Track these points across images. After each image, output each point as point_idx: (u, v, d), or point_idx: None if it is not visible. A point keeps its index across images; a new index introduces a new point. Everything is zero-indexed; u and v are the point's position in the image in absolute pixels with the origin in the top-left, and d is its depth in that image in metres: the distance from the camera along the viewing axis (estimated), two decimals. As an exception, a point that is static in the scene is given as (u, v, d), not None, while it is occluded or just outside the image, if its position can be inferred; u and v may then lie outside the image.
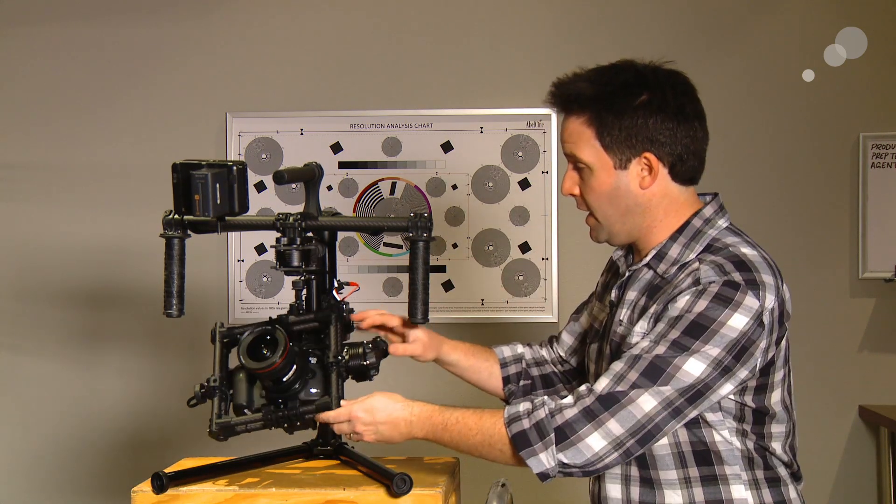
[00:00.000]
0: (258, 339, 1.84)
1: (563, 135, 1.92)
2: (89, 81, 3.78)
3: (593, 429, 1.76)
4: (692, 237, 1.89)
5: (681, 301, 1.78)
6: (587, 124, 1.87)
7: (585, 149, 1.88)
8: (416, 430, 1.93)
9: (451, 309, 3.73)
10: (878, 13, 3.67)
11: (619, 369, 1.78)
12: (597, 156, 1.88)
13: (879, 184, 3.67)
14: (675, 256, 1.88)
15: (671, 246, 1.90)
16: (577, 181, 1.92)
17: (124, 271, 3.77)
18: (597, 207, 1.92)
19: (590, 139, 1.87)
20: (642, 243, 1.94)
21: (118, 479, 3.67)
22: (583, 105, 1.88)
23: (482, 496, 2.13)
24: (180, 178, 1.79)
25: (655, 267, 1.90)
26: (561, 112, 1.92)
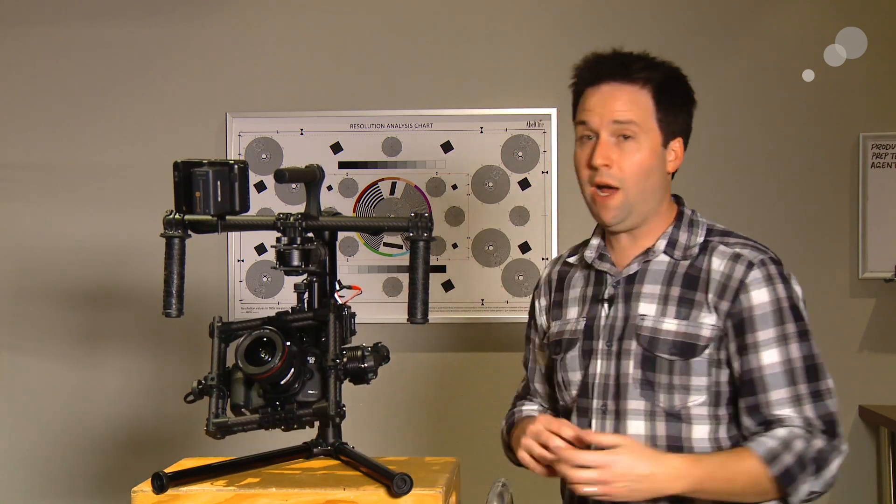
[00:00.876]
0: (255, 342, 1.84)
1: (614, 102, 1.92)
2: (89, 81, 3.79)
3: (837, 455, 1.85)
4: (690, 224, 1.99)
5: (763, 293, 1.88)
6: (650, 95, 1.93)
7: (644, 118, 1.92)
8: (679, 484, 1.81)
9: (451, 309, 3.73)
10: (878, 13, 3.67)
11: (789, 393, 1.87)
12: (651, 127, 1.93)
13: (879, 184, 3.67)
14: (685, 242, 1.96)
15: (678, 233, 1.98)
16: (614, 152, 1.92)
17: (124, 271, 3.77)
18: (634, 182, 1.92)
19: (649, 110, 1.93)
20: (643, 229, 1.98)
21: (118, 479, 3.67)
22: (649, 76, 1.93)
23: (482, 496, 2.13)
24: (181, 177, 1.78)
25: (671, 254, 1.95)
26: (616, 78, 1.93)
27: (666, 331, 1.92)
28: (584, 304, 2.03)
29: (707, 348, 1.90)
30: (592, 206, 1.98)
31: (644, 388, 1.92)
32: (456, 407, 3.76)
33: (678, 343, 1.91)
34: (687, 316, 1.91)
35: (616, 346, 1.95)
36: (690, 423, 1.92)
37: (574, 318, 2.04)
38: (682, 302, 1.92)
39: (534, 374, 2.20)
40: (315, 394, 1.87)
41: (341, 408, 1.85)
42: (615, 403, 1.94)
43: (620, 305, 1.96)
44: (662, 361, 1.91)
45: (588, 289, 2.04)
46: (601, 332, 1.98)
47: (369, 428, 3.68)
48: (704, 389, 1.91)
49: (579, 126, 1.97)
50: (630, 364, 1.93)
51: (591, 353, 1.98)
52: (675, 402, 1.91)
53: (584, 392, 1.98)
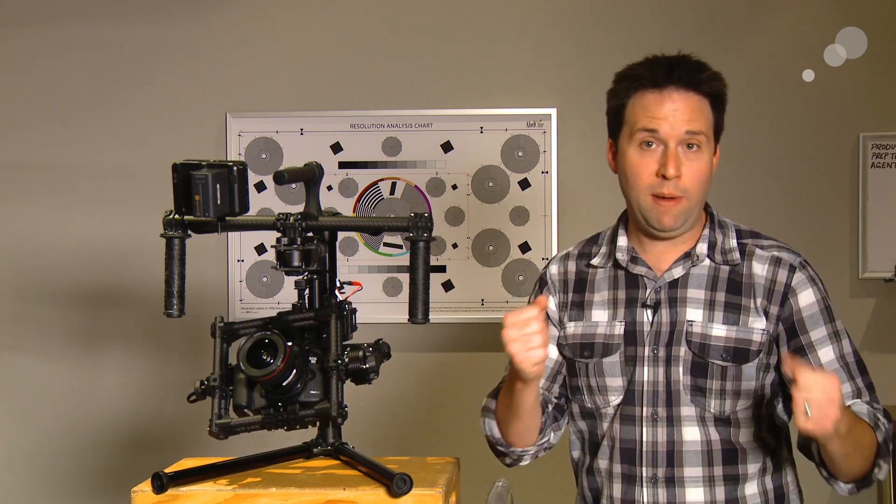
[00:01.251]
0: (257, 343, 1.84)
1: (686, 112, 1.91)
2: (89, 81, 3.79)
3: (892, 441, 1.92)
4: (720, 225, 2.00)
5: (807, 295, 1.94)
6: (710, 106, 1.95)
7: (708, 128, 1.94)
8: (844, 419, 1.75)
9: (451, 309, 3.73)
10: (878, 13, 3.67)
11: (850, 387, 1.92)
12: (711, 137, 1.95)
13: (879, 184, 3.67)
14: (722, 245, 1.98)
15: (714, 235, 1.99)
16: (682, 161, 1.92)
17: (124, 271, 3.77)
18: (697, 190, 1.92)
19: (710, 119, 1.94)
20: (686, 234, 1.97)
21: (118, 479, 3.67)
22: (712, 87, 1.94)
23: (482, 496, 2.13)
24: (180, 178, 1.78)
25: (713, 258, 1.97)
26: (684, 86, 1.92)
27: (716, 336, 1.92)
28: (617, 308, 1.99)
29: (759, 353, 1.92)
30: (650, 210, 1.92)
31: (695, 395, 1.92)
32: (456, 407, 3.76)
33: (730, 349, 1.91)
34: (736, 321, 1.92)
35: (664, 352, 1.94)
36: (739, 427, 1.94)
37: (605, 322, 2.00)
38: (728, 307, 1.93)
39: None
40: (317, 394, 1.87)
41: (343, 408, 1.85)
42: (666, 410, 1.93)
43: (665, 311, 1.95)
44: (714, 367, 1.92)
45: (619, 292, 2.00)
46: (645, 337, 1.96)
47: (369, 428, 3.68)
48: (752, 393, 1.93)
49: (643, 132, 1.91)
50: (679, 370, 1.92)
51: (636, 360, 1.96)
52: (726, 407, 1.92)
53: (629, 399, 1.96)
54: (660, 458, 1.93)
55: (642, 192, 1.92)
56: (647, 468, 1.93)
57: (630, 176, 1.94)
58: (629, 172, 1.94)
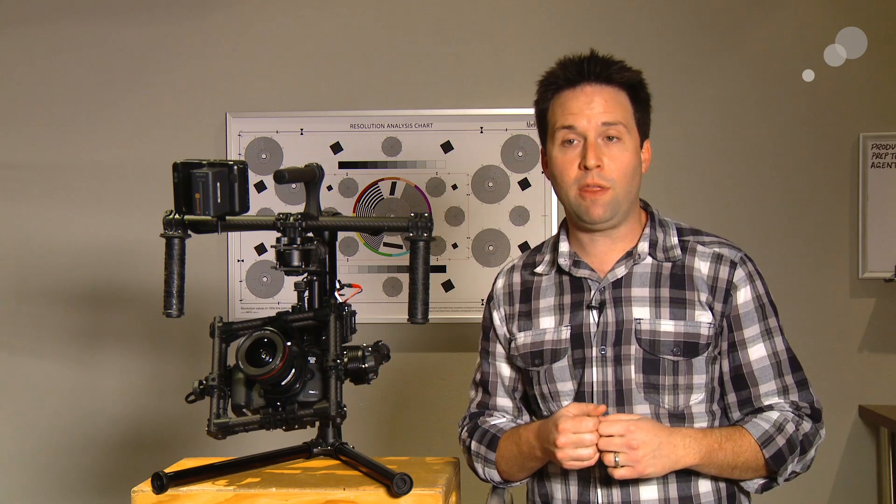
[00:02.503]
0: (256, 342, 1.84)
1: (601, 104, 1.94)
2: (89, 81, 3.79)
3: (818, 439, 1.95)
4: (661, 224, 2.03)
5: (745, 292, 1.96)
6: (628, 97, 1.96)
7: (627, 118, 1.95)
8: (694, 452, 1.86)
9: (451, 309, 3.73)
10: (878, 13, 3.67)
11: (777, 384, 1.95)
12: (633, 128, 1.97)
13: (879, 184, 3.67)
14: (663, 243, 2.00)
15: (655, 234, 2.01)
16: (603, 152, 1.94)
17: (124, 271, 3.77)
18: (622, 181, 1.94)
19: (629, 110, 1.96)
20: (622, 230, 1.99)
21: (118, 479, 3.67)
22: (626, 78, 1.96)
23: (482, 496, 2.13)
24: (181, 178, 1.79)
25: (655, 255, 1.98)
26: (599, 80, 1.95)
27: (665, 332, 1.93)
28: (563, 313, 2.00)
29: (708, 346, 1.94)
30: (579, 204, 1.95)
31: (648, 392, 1.93)
32: (456, 407, 3.75)
33: (680, 343, 1.93)
34: (683, 316, 1.94)
35: (611, 351, 1.95)
36: (693, 422, 1.95)
37: (552, 328, 2.01)
38: (674, 302, 1.95)
39: (496, 389, 2.13)
40: (316, 394, 1.87)
41: (342, 408, 1.85)
42: (618, 409, 1.94)
43: (610, 311, 1.96)
44: (666, 362, 1.93)
45: (564, 297, 2.02)
46: (592, 338, 1.96)
47: (369, 428, 3.68)
48: (703, 387, 1.95)
49: (563, 130, 1.96)
50: (631, 369, 1.93)
51: (584, 361, 1.97)
52: (679, 402, 1.94)
53: (579, 401, 1.96)
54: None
55: (570, 187, 1.96)
56: (600, 468, 1.90)
57: (557, 174, 1.98)
58: (556, 171, 1.98)
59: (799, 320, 3.49)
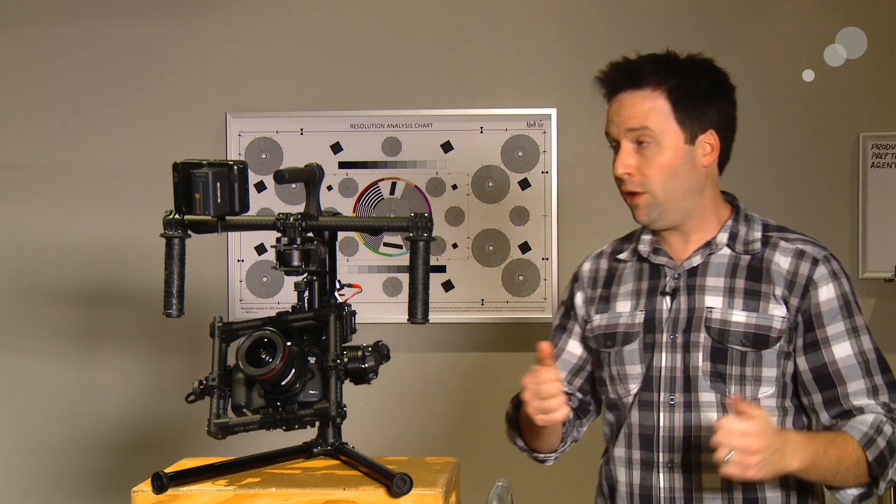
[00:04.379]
0: (256, 342, 1.84)
1: (627, 110, 1.95)
2: (89, 81, 3.78)
3: None
4: (746, 219, 2.02)
5: (828, 290, 1.93)
6: (665, 97, 1.94)
7: (659, 121, 1.94)
8: (800, 459, 1.79)
9: (451, 309, 3.73)
10: (878, 13, 3.67)
11: (866, 384, 1.90)
12: (669, 128, 1.95)
13: (879, 184, 3.67)
14: (745, 236, 1.99)
15: (737, 227, 2.01)
16: (636, 159, 1.95)
17: (124, 271, 3.77)
18: (661, 184, 1.94)
19: (664, 111, 1.94)
20: (692, 225, 1.99)
21: (118, 479, 3.67)
22: (661, 79, 1.94)
23: (482, 496, 2.13)
24: (181, 178, 1.79)
25: (733, 247, 1.98)
26: (627, 89, 1.96)
27: (736, 322, 1.93)
28: (640, 298, 2.03)
29: (779, 340, 1.92)
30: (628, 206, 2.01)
31: (714, 381, 1.94)
32: (456, 407, 3.76)
33: (750, 335, 1.93)
34: (756, 308, 1.93)
35: (681, 338, 1.96)
36: None
37: (628, 312, 2.04)
38: (748, 294, 1.94)
39: (559, 364, 2.14)
40: (316, 394, 1.87)
41: (342, 408, 1.85)
42: (685, 396, 1.95)
43: (683, 298, 1.98)
44: (734, 353, 1.93)
45: (643, 283, 2.04)
46: (664, 324, 1.98)
47: (369, 428, 3.68)
48: (774, 381, 1.94)
49: (607, 137, 2.01)
50: (699, 356, 1.94)
51: (654, 346, 1.99)
52: (747, 393, 1.93)
53: (647, 385, 1.98)
54: (677, 443, 1.95)
55: (620, 191, 2.01)
56: (665, 454, 1.95)
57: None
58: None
59: (799, 320, 3.49)
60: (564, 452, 2.18)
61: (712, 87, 2.01)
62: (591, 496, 2.15)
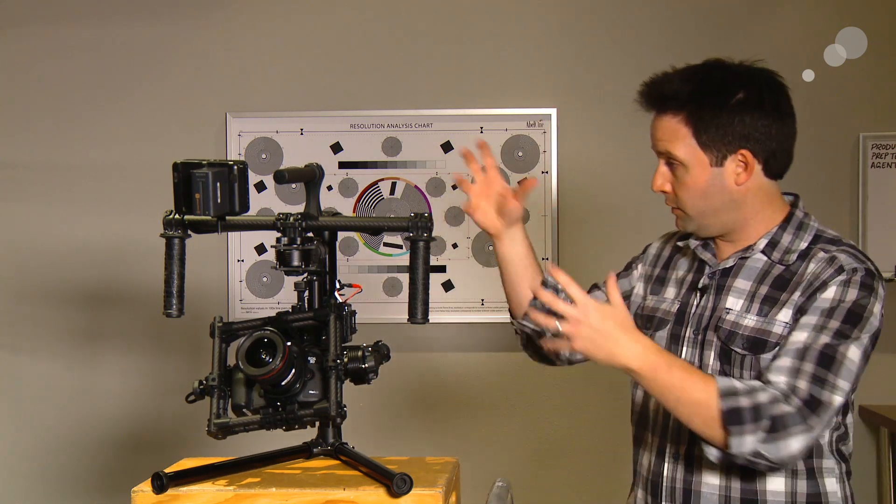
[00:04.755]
0: (256, 342, 1.84)
1: (655, 133, 1.96)
2: (89, 81, 3.79)
3: (802, 430, 1.77)
4: (798, 227, 1.98)
5: (831, 291, 1.86)
6: (684, 122, 1.92)
7: (681, 147, 1.92)
8: (634, 357, 1.78)
9: (451, 309, 3.72)
10: (878, 13, 3.67)
11: (790, 363, 1.80)
12: (693, 154, 1.92)
13: (879, 184, 3.67)
14: (787, 245, 1.96)
15: (782, 235, 1.97)
16: (668, 178, 1.96)
17: (124, 271, 3.77)
18: (690, 204, 1.95)
19: (686, 137, 1.92)
20: (737, 234, 1.99)
21: (118, 479, 3.67)
22: (680, 103, 1.92)
23: (482, 496, 2.13)
24: (181, 178, 1.78)
25: (769, 254, 1.96)
26: (654, 110, 1.96)
27: (745, 326, 1.93)
28: (682, 288, 2.06)
29: (777, 346, 1.89)
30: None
31: None
32: (456, 407, 3.76)
33: (750, 338, 1.92)
34: (767, 313, 1.92)
35: (701, 335, 1.98)
36: None
37: (671, 299, 2.07)
38: (766, 300, 1.93)
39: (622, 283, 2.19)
40: (316, 394, 1.87)
41: (342, 408, 1.85)
42: None
43: (711, 296, 1.99)
44: (735, 355, 1.93)
45: (689, 274, 2.07)
46: (690, 319, 2.01)
47: (369, 428, 3.68)
48: None
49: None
50: (711, 355, 1.96)
51: (679, 339, 2.01)
52: None
53: None
54: (683, 435, 1.96)
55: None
56: (672, 444, 1.97)
57: None
58: None
59: (799, 320, 3.49)
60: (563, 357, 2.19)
61: (741, 104, 1.92)
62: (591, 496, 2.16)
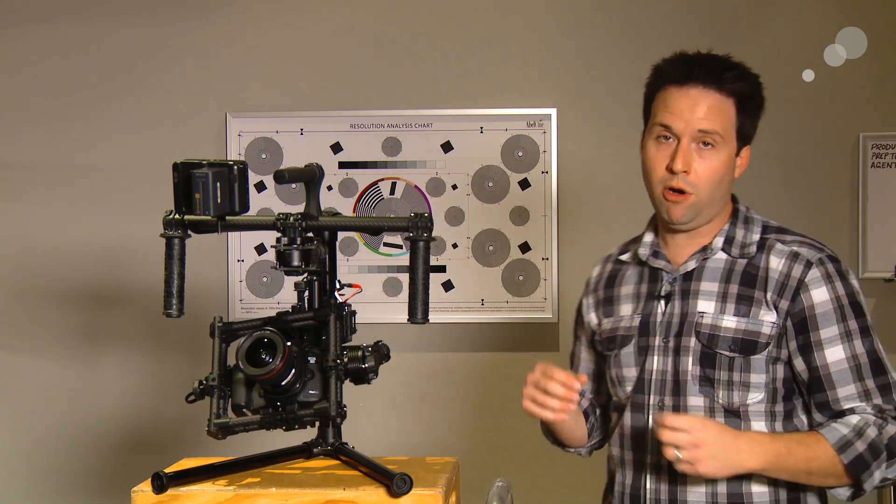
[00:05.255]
0: (256, 342, 1.84)
1: (702, 109, 1.93)
2: (89, 81, 3.78)
3: None
4: (746, 221, 2.02)
5: (820, 292, 1.91)
6: (734, 106, 1.95)
7: (727, 128, 1.95)
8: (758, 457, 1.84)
9: (451, 309, 3.72)
10: (878, 13, 3.67)
11: (857, 388, 1.89)
12: (730, 136, 1.96)
13: (879, 184, 3.67)
14: (742, 240, 1.99)
15: (734, 230, 2.01)
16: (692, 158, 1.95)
17: (124, 271, 3.77)
18: (707, 188, 1.95)
19: (731, 119, 1.95)
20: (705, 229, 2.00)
21: (118, 479, 3.67)
22: (738, 88, 1.95)
23: (482, 496, 2.13)
24: (181, 178, 1.78)
25: (729, 252, 1.98)
26: (704, 83, 1.94)
27: (726, 328, 1.94)
28: (639, 301, 2.05)
29: (768, 346, 1.92)
30: (661, 203, 1.98)
31: (703, 385, 1.94)
32: (456, 407, 3.76)
33: (738, 340, 1.93)
34: (747, 314, 1.93)
35: (673, 342, 1.97)
36: (749, 420, 1.94)
37: (629, 315, 2.05)
38: (740, 299, 1.95)
39: (578, 368, 2.23)
40: (316, 394, 1.87)
41: (342, 408, 1.85)
42: (673, 399, 1.96)
43: (677, 302, 1.98)
44: (723, 358, 1.93)
45: (642, 286, 2.06)
46: (657, 328, 1.99)
47: (369, 428, 3.68)
48: (763, 387, 1.94)
49: (659, 127, 1.96)
50: (689, 360, 1.95)
51: (647, 350, 2.00)
52: (735, 398, 1.93)
53: (639, 388, 2.00)
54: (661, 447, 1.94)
55: (656, 185, 1.98)
56: (653, 456, 1.95)
57: (646, 168, 2.00)
58: (646, 164, 2.00)
59: (799, 320, 3.49)
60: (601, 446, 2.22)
61: (762, 107, 2.02)
62: (591, 496, 2.16)
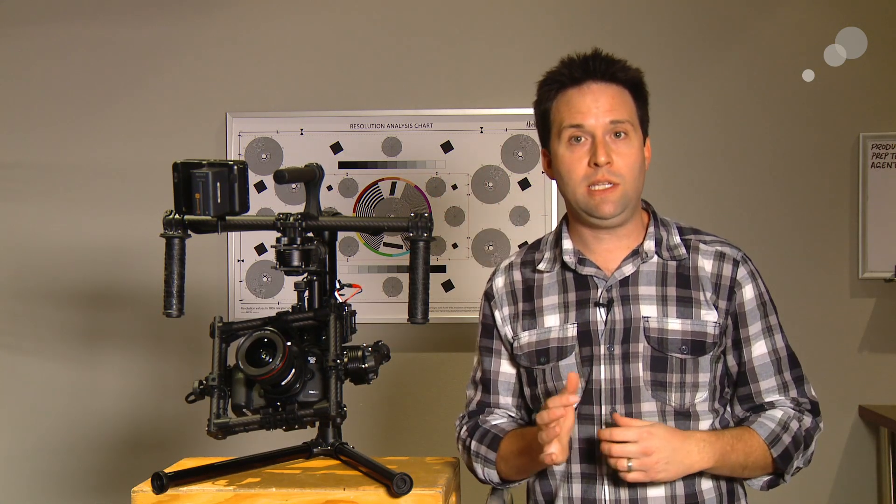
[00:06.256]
0: (256, 342, 1.84)
1: (607, 101, 1.95)
2: (89, 81, 3.79)
3: (817, 434, 2.00)
4: (662, 223, 2.04)
5: (750, 289, 1.99)
6: (631, 95, 1.98)
7: (631, 115, 1.97)
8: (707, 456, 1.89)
9: (451, 309, 3.73)
10: (878, 13, 3.67)
11: (777, 381, 1.99)
12: (637, 126, 1.98)
13: (879, 184, 3.67)
14: (668, 241, 2.01)
15: (659, 233, 2.02)
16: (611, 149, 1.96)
17: (124, 271, 3.77)
18: (631, 176, 1.95)
19: (632, 108, 1.98)
20: (625, 228, 2.00)
21: (118, 479, 3.67)
22: (628, 77, 1.98)
23: (482, 496, 2.13)
24: (181, 178, 1.79)
25: (661, 254, 2.00)
26: (604, 79, 1.96)
27: (673, 330, 1.95)
28: (569, 311, 1.99)
29: (715, 345, 1.97)
30: (588, 202, 1.95)
31: (655, 390, 1.94)
32: (456, 407, 3.73)
33: (688, 341, 1.95)
34: (689, 315, 1.96)
35: (619, 349, 1.95)
36: (698, 420, 1.97)
37: (558, 325, 2.00)
38: (680, 301, 1.97)
39: (497, 387, 2.10)
40: (316, 394, 1.87)
41: (342, 408, 1.85)
42: (626, 407, 1.94)
43: (618, 308, 1.96)
44: (674, 360, 1.94)
45: (569, 294, 2.01)
46: (600, 336, 1.96)
47: (369, 428, 3.68)
48: (707, 385, 1.97)
49: (570, 129, 1.95)
50: (639, 367, 1.94)
51: (592, 359, 1.96)
52: (685, 400, 1.96)
53: (587, 399, 1.95)
54: None
55: (578, 185, 1.96)
56: (608, 465, 1.88)
57: (564, 173, 1.97)
58: (563, 170, 1.98)
59: (799, 320, 3.49)
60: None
61: (647, 98, 2.04)
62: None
